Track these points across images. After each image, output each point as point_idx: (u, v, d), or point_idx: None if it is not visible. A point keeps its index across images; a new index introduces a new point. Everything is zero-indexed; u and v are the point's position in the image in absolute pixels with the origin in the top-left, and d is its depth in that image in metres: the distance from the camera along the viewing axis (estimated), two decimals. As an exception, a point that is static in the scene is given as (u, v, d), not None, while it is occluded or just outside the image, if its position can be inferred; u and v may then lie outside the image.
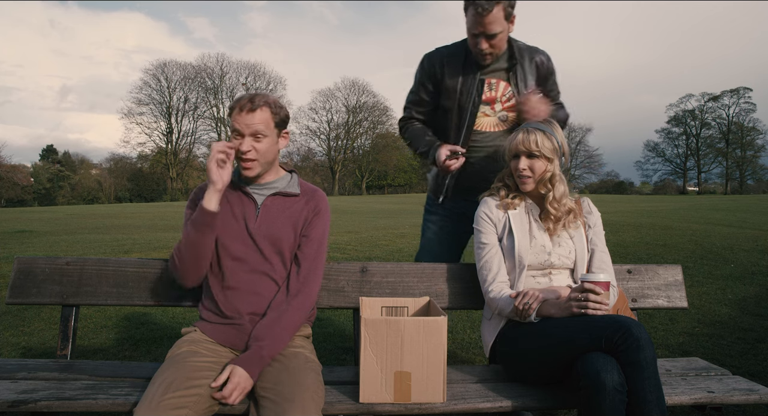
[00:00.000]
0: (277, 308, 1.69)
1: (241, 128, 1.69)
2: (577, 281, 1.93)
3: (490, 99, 2.18)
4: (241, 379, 1.51)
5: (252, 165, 1.73)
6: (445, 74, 2.18)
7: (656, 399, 1.47)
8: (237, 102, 1.72)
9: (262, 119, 1.70)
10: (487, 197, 2.05)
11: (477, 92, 2.15)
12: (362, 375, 1.62)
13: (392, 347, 1.61)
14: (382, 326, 1.60)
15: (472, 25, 2.04)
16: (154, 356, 3.23)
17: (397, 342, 1.60)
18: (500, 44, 2.09)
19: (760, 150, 51.37)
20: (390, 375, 1.61)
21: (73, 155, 54.04)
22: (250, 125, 1.68)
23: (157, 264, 2.10)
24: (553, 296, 1.79)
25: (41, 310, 4.18)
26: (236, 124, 1.70)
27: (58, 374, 1.80)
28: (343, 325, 3.96)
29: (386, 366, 1.61)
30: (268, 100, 1.73)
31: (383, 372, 1.61)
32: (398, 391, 1.61)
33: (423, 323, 1.61)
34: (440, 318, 1.62)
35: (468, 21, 2.06)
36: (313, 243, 1.79)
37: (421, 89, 2.28)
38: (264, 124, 1.70)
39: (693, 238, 7.49)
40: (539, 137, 1.86)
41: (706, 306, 4.33)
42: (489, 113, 2.19)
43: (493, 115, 2.19)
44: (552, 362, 1.65)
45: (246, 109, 1.69)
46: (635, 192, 56.68)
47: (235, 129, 1.71)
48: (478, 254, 1.99)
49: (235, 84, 49.61)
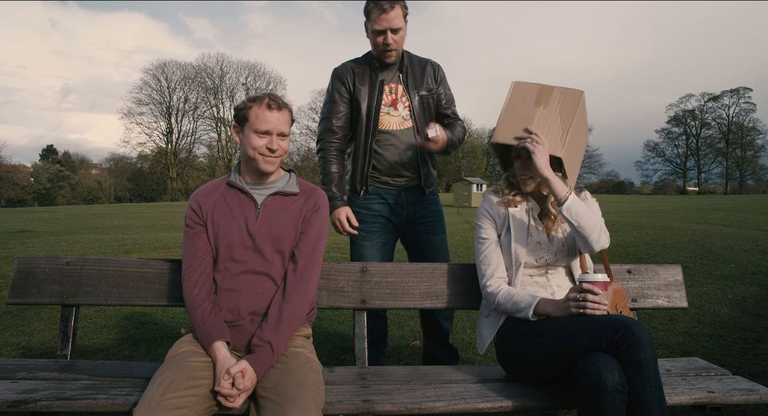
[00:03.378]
0: (277, 308, 1.69)
1: (271, 128, 1.72)
2: (575, 275, 1.94)
3: (392, 101, 2.46)
4: (250, 381, 1.51)
5: (275, 161, 1.77)
6: (355, 82, 2.47)
7: (657, 399, 1.47)
8: (259, 101, 1.73)
9: (287, 119, 1.77)
10: (490, 193, 2.06)
11: (378, 94, 2.43)
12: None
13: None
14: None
15: (377, 23, 2.32)
16: (154, 356, 3.23)
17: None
18: (401, 42, 2.39)
19: (760, 150, 51.37)
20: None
21: (73, 155, 54.09)
22: (277, 125, 1.73)
23: (157, 264, 2.10)
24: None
25: (41, 310, 4.18)
26: (264, 123, 1.71)
27: (58, 374, 1.80)
28: (343, 325, 3.96)
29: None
30: (286, 102, 1.79)
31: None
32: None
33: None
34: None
35: (372, 21, 2.35)
36: (310, 240, 1.79)
37: (335, 96, 2.50)
38: (288, 124, 1.78)
39: (693, 238, 7.49)
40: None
41: (706, 306, 4.33)
42: (394, 113, 2.46)
43: (397, 114, 2.46)
44: (552, 361, 1.65)
45: (274, 107, 1.72)
46: (635, 192, 56.69)
47: (262, 130, 1.71)
48: (477, 249, 2.00)
49: (235, 84, 49.64)
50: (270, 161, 1.75)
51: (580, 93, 1.90)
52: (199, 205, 1.79)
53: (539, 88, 1.93)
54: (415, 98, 2.45)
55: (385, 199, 2.52)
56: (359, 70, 2.47)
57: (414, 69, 2.50)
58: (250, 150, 1.73)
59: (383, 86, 2.45)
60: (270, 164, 1.76)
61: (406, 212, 2.53)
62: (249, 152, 1.74)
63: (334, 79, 2.50)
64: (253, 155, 1.73)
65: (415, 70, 2.49)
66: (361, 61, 2.51)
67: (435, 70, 2.54)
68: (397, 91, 2.46)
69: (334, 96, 2.49)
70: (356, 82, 2.45)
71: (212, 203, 1.79)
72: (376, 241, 2.52)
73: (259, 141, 1.72)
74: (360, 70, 2.47)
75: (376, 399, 1.66)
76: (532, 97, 1.92)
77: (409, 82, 2.46)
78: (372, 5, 2.33)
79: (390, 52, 2.38)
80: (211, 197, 1.81)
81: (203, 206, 1.78)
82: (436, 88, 2.52)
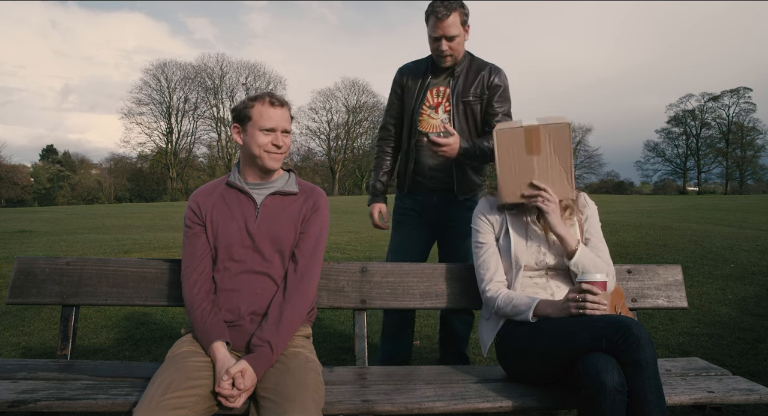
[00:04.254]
0: (277, 307, 1.69)
1: (275, 125, 1.73)
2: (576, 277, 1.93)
3: (436, 104, 2.49)
4: (250, 381, 1.51)
5: (280, 157, 1.77)
6: (408, 82, 2.56)
7: (657, 399, 1.47)
8: (261, 99, 1.74)
9: (288, 116, 1.79)
10: (486, 197, 2.05)
11: (421, 96, 2.49)
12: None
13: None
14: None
15: (432, 30, 2.36)
16: (154, 356, 3.23)
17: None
18: (458, 48, 2.40)
19: (760, 150, 51.34)
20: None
21: (73, 154, 54.05)
22: (281, 122, 1.75)
23: (157, 264, 2.10)
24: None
25: (41, 310, 4.18)
26: (268, 120, 1.72)
27: (58, 374, 1.81)
28: (343, 325, 3.96)
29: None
30: (286, 100, 1.81)
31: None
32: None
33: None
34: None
35: (429, 28, 2.39)
36: (310, 240, 1.79)
37: (392, 95, 2.64)
38: (289, 121, 1.80)
39: (693, 238, 7.48)
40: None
41: (706, 306, 4.33)
42: (434, 116, 2.49)
43: (437, 117, 2.49)
44: (552, 362, 1.65)
45: (277, 104, 1.74)
46: (635, 192, 56.67)
47: (267, 128, 1.72)
48: (475, 254, 1.99)
49: (235, 84, 49.59)
50: (276, 157, 1.76)
51: (566, 126, 1.84)
52: (198, 205, 1.79)
53: (523, 131, 1.85)
54: (459, 104, 2.44)
55: (419, 199, 2.59)
56: (415, 71, 2.54)
57: (468, 74, 2.47)
58: (255, 148, 1.73)
59: (428, 88, 2.48)
60: (275, 161, 1.77)
61: (436, 213, 2.56)
62: (254, 151, 1.74)
63: (395, 78, 2.62)
64: (258, 152, 1.74)
65: (469, 75, 2.47)
66: (421, 62, 2.57)
67: (490, 75, 2.48)
68: (443, 95, 2.48)
69: (392, 94, 2.64)
70: (408, 82, 2.54)
71: (211, 203, 1.79)
72: (406, 232, 2.63)
73: (264, 138, 1.73)
74: (416, 70, 2.54)
75: (376, 399, 1.66)
76: (520, 144, 1.85)
77: (457, 87, 2.45)
78: (430, 11, 2.37)
79: (446, 58, 2.41)
80: (210, 197, 1.81)
81: (202, 206, 1.79)
82: (488, 93, 2.47)
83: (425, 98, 2.48)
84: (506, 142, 1.87)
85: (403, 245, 2.61)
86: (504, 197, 1.90)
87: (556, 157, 1.85)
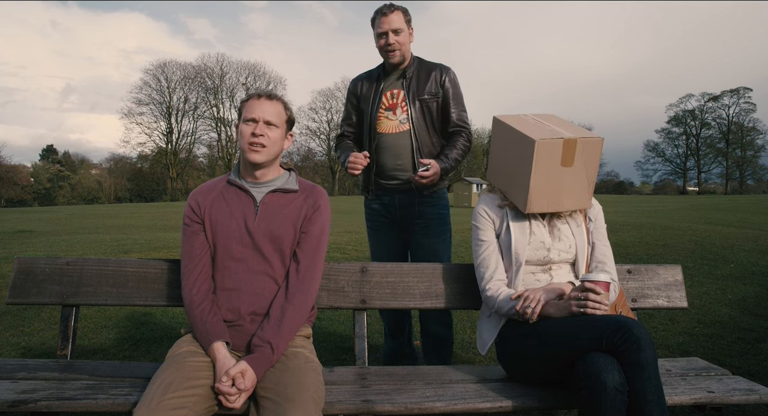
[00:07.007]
0: (279, 307, 1.69)
1: (257, 115, 1.74)
2: (579, 276, 1.93)
3: (392, 106, 2.56)
4: (250, 382, 1.51)
5: (261, 149, 1.74)
6: (362, 90, 2.66)
7: (657, 399, 1.47)
8: (252, 93, 1.79)
9: (276, 110, 1.77)
10: (486, 193, 2.05)
11: (377, 100, 2.57)
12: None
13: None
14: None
15: (378, 26, 2.47)
16: (154, 356, 3.23)
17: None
18: (404, 42, 2.49)
19: (760, 150, 51.36)
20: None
21: (73, 155, 54.11)
22: (265, 112, 1.75)
23: (157, 264, 2.10)
24: (553, 296, 1.78)
25: (41, 310, 4.18)
26: (251, 111, 1.74)
27: (58, 374, 1.80)
28: (343, 325, 3.96)
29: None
30: (282, 97, 1.83)
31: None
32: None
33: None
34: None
35: (375, 27, 2.50)
36: (311, 240, 1.79)
37: (348, 105, 2.74)
38: (277, 115, 1.78)
39: (693, 238, 7.48)
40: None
41: (706, 306, 4.33)
42: (392, 117, 2.56)
43: (395, 118, 2.55)
44: (552, 362, 1.65)
45: (264, 96, 1.76)
46: (635, 192, 56.66)
47: (249, 118, 1.74)
48: (475, 252, 1.99)
49: (235, 84, 49.63)
50: (256, 149, 1.73)
51: (600, 140, 1.86)
52: (197, 202, 1.79)
53: (563, 142, 1.82)
54: (415, 103, 2.51)
55: (382, 200, 2.64)
56: (368, 79, 2.66)
57: (420, 75, 2.56)
58: (240, 141, 1.76)
59: (383, 92, 2.57)
60: (256, 154, 1.74)
61: (400, 213, 2.59)
62: (241, 144, 1.76)
63: (350, 88, 2.75)
64: (243, 145, 1.75)
65: (421, 75, 2.55)
66: (373, 70, 2.68)
67: (441, 73, 2.56)
68: (399, 97, 2.55)
69: (347, 104, 2.75)
70: (363, 89, 2.65)
71: (210, 200, 1.79)
72: (381, 238, 2.70)
73: (246, 129, 1.74)
74: (369, 78, 2.66)
75: (376, 399, 1.66)
76: (557, 155, 1.84)
77: (410, 88, 2.53)
78: (375, 13, 2.50)
79: (393, 52, 2.48)
80: (209, 194, 1.81)
81: (201, 203, 1.78)
82: (441, 91, 2.55)
83: (381, 102, 2.57)
84: (545, 153, 1.83)
85: (382, 251, 2.69)
86: (532, 206, 1.88)
87: (585, 168, 1.88)
